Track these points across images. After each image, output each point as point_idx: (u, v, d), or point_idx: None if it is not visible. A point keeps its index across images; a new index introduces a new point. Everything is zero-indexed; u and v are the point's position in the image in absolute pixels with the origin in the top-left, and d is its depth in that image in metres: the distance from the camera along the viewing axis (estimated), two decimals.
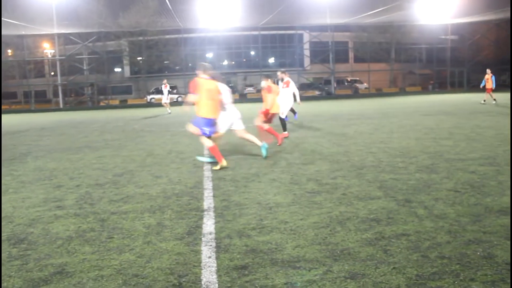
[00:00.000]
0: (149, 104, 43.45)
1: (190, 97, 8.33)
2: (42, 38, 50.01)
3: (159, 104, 34.51)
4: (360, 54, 54.36)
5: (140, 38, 47.68)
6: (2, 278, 3.91)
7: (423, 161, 8.35)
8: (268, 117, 11.35)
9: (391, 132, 12.82)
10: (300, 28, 50.34)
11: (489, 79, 24.71)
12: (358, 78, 53.16)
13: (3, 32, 41.12)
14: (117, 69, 56.44)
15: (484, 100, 25.01)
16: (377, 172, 7.55)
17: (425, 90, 50.10)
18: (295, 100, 14.51)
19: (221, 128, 9.48)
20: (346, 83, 52.75)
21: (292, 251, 4.22)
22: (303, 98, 18.28)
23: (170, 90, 29.90)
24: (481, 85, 25.69)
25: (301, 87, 49.19)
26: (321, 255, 4.09)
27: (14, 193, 7.08)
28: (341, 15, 41.70)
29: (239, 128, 9.63)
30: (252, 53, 56.66)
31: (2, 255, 4.45)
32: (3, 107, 29.37)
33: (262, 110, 11.35)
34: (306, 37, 53.21)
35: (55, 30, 42.58)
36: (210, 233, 4.78)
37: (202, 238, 4.64)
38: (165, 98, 27.94)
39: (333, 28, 47.66)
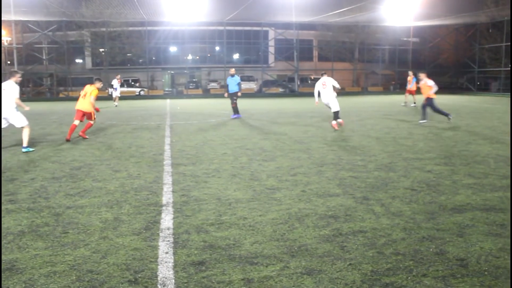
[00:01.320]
0: (111, 97, 42.63)
1: None
2: None
3: (122, 97, 33.81)
4: (324, 53, 54.89)
5: (103, 29, 46.64)
6: None
7: (382, 159, 8.51)
8: None
9: (352, 131, 13.01)
10: (266, 25, 50.34)
11: (410, 81, 25.18)
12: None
13: None
14: (78, 60, 55.05)
15: (405, 102, 25.44)
16: (337, 169, 7.65)
17: (386, 91, 51.03)
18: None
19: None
20: (309, 81, 53.12)
21: (250, 247, 4.23)
22: (266, 95, 18.40)
23: (123, 84, 30.85)
24: (407, 87, 26.09)
25: (265, 83, 49.36)
26: (278, 251, 4.11)
27: None
28: (307, 13, 41.95)
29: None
30: (217, 48, 56.34)
31: None
32: None
33: None
34: (271, 34, 53.30)
35: (12, 17, 41.13)
36: (168, 229, 4.73)
37: (160, 234, 4.59)
38: (118, 92, 29.28)
39: (298, 26, 47.94)
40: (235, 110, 17.94)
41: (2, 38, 48.23)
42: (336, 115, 13.70)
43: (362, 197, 5.88)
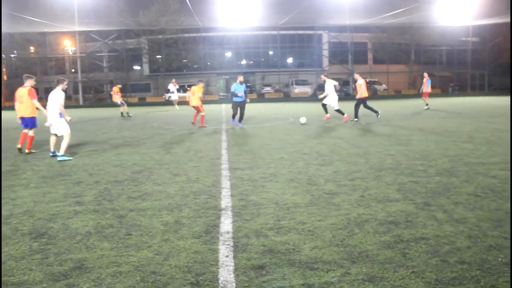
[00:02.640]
0: (167, 102, 43.66)
1: None
2: (64, 36, 50.62)
3: (178, 102, 34.67)
4: (379, 55, 53.99)
5: (160, 36, 47.98)
6: (23, 271, 3.97)
7: (443, 164, 8.25)
8: None
9: (410, 135, 12.70)
10: (319, 28, 50.16)
11: (425, 83, 24.20)
12: (376, 80, 52.78)
13: (26, 30, 41.80)
14: (136, 67, 56.82)
15: (427, 105, 24.60)
16: (396, 174, 7.49)
17: (445, 93, 49.54)
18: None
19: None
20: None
21: (309, 252, 4.21)
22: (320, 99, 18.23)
23: (179, 89, 33.68)
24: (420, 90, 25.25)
25: (319, 87, 49.03)
26: (338, 257, 4.07)
27: (35, 188, 7.19)
28: (361, 15, 41.45)
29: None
30: (271, 52, 56.58)
31: (24, 248, 4.53)
32: None
33: None
34: (325, 37, 52.99)
35: (77, 28, 43.08)
36: (228, 232, 4.79)
37: (220, 237, 4.65)
38: (175, 95, 31.18)
39: (353, 29, 47.43)
40: (241, 118, 16.56)
41: (68, 48, 50.60)
42: (340, 111, 16.99)
43: (423, 203, 5.72)
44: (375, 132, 13.64)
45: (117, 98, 25.44)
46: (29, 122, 11.05)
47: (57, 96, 10.02)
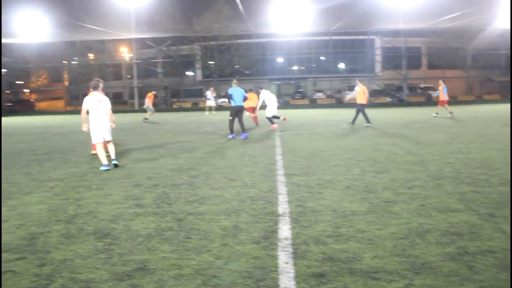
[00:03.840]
0: (220, 108, 44.26)
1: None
2: (121, 43, 52.35)
3: (229, 108, 35.11)
4: (434, 60, 52.55)
5: (213, 42, 48.71)
6: (90, 269, 4.12)
7: (506, 173, 7.91)
8: None
9: (470, 142, 12.27)
10: (372, 33, 49.43)
11: (441, 91, 23.10)
12: (431, 85, 51.38)
13: (87, 37, 43.53)
14: (189, 73, 57.90)
15: (437, 113, 23.59)
16: (456, 183, 7.24)
17: (505, 99, 47.53)
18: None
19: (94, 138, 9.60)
20: (418, 90, 51.01)
21: (370, 261, 4.13)
22: (373, 105, 17.94)
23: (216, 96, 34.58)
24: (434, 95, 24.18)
25: (372, 93, 48.26)
26: (401, 267, 3.97)
27: (97, 190, 7.44)
28: (415, 20, 40.53)
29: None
30: (323, 58, 56.25)
31: (89, 247, 4.69)
32: (78, 107, 30.96)
33: None
34: (378, 42, 52.16)
35: (133, 35, 44.41)
36: (286, 239, 4.78)
37: (279, 243, 4.65)
38: (212, 102, 32.40)
39: (406, 33, 46.39)
40: (243, 128, 14.85)
41: (124, 55, 52.31)
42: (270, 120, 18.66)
43: (488, 214, 5.50)
44: (431, 139, 13.26)
45: (147, 102, 26.08)
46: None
47: (106, 101, 9.70)
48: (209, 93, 32.84)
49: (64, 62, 55.27)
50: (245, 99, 14.72)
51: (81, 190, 7.46)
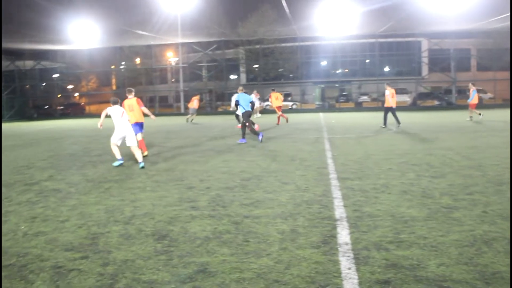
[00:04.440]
0: (265, 111, 44.31)
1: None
2: (168, 47, 53.29)
3: (275, 111, 34.99)
4: (484, 62, 50.73)
5: (257, 46, 48.85)
6: (152, 270, 4.15)
7: None
8: None
9: None
10: (420, 35, 48.24)
11: (471, 94, 22.13)
12: (481, 88, 49.64)
13: (135, 43, 44.57)
14: (234, 76, 58.27)
15: (480, 114, 22.63)
16: None
17: None
18: None
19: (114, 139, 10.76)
20: (468, 93, 49.38)
21: (436, 269, 3.98)
22: (421, 108, 17.47)
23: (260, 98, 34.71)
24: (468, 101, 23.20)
25: (419, 96, 47.11)
26: (470, 277, 3.81)
27: (151, 192, 7.54)
28: (464, 21, 39.27)
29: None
30: (367, 61, 55.41)
31: (149, 248, 4.73)
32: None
33: None
34: (425, 44, 50.90)
35: (180, 40, 45.12)
36: (346, 244, 4.67)
37: (339, 248, 4.55)
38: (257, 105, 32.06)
39: (455, 35, 45.03)
40: (249, 132, 15.09)
41: (171, 59, 53.27)
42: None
43: None
44: (487, 143, 12.78)
45: (195, 104, 27.57)
46: (140, 127, 12.15)
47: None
48: (253, 96, 33.06)
49: (112, 66, 56.77)
50: (252, 104, 14.70)
51: (136, 192, 7.58)
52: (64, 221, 5.93)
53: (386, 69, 57.10)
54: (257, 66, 51.95)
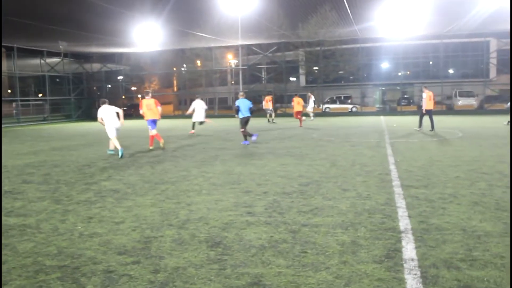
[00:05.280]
0: (325, 113, 43.70)
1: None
2: (228, 50, 53.75)
3: (334, 114, 34.64)
4: None
5: (318, 48, 48.28)
6: (203, 280, 3.96)
7: None
8: None
9: None
10: (488, 35, 45.89)
11: None
12: None
13: (196, 45, 45.28)
14: (293, 78, 57.91)
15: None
16: None
17: None
18: None
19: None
20: None
21: None
22: (488, 112, 16.50)
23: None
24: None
25: (487, 99, 44.83)
26: None
27: (207, 195, 7.41)
28: None
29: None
30: (431, 63, 53.37)
31: (202, 256, 4.56)
32: (190, 112, 32.12)
33: None
34: (494, 44, 48.38)
35: (240, 42, 45.34)
36: (412, 260, 4.29)
37: (404, 265, 4.18)
38: (310, 108, 32.26)
39: None
40: (246, 136, 15.68)
41: (231, 61, 53.75)
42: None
43: None
44: None
45: (270, 105, 28.93)
46: (154, 123, 14.42)
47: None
48: (309, 98, 32.74)
49: (173, 68, 57.93)
50: (251, 110, 15.57)
51: (191, 195, 7.48)
52: (119, 223, 5.89)
53: (451, 71, 54.80)
54: (317, 68, 51.34)
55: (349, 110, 45.67)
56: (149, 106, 14.31)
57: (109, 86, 54.17)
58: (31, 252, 4.91)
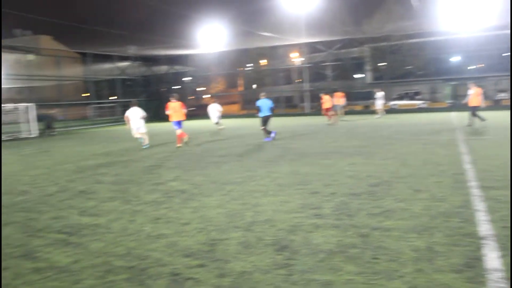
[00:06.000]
0: (392, 110, 42.47)
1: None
2: (292, 48, 53.55)
3: (403, 110, 33.59)
4: None
5: (383, 43, 47.00)
6: (269, 286, 3.83)
7: None
8: None
9: None
10: None
11: None
12: None
13: (261, 44, 45.49)
14: (359, 75, 56.77)
15: None
16: None
17: None
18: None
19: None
20: None
21: None
22: None
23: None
24: None
25: None
26: None
27: (273, 196, 7.29)
28: None
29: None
30: (505, 54, 50.39)
31: (268, 260, 4.44)
32: (254, 111, 32.43)
33: None
34: None
35: (304, 40, 45.03)
36: (496, 270, 3.94)
37: (487, 276, 3.84)
38: (380, 105, 30.88)
39: None
40: (268, 132, 16.97)
41: (296, 60, 53.54)
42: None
43: None
44: None
45: (341, 101, 27.96)
46: (179, 124, 16.19)
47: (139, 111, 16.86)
48: (379, 95, 31.44)
49: (239, 68, 58.49)
50: (272, 109, 16.80)
51: (257, 196, 7.38)
52: (185, 224, 5.89)
53: None
54: (383, 64, 49.99)
55: (418, 106, 44.09)
56: (175, 108, 16.21)
57: (176, 87, 55.55)
58: (101, 252, 5.01)
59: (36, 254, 5.08)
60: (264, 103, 16.75)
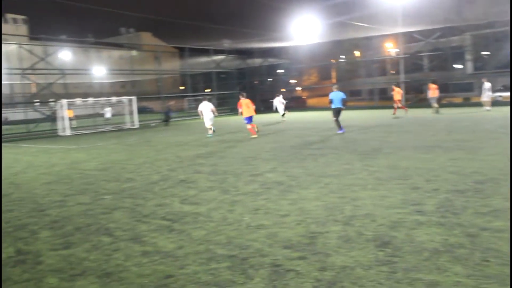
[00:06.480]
0: (496, 103, 39.80)
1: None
2: (387, 38, 51.90)
3: (507, 103, 31.26)
4: None
5: (487, 30, 44.05)
6: (372, 283, 3.78)
7: None
8: None
9: None
10: None
11: None
12: None
13: (354, 35, 44.60)
14: (458, 66, 53.73)
15: None
16: None
17: None
18: None
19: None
20: None
21: None
22: None
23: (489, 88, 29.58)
24: None
25: None
26: None
27: (372, 190, 7.16)
28: None
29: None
30: None
31: (370, 256, 4.38)
32: (350, 103, 31.93)
33: None
34: None
35: (400, 29, 43.42)
36: None
37: None
38: (487, 96, 28.53)
39: None
40: (339, 125, 17.37)
41: (391, 50, 51.89)
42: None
43: None
44: None
45: (436, 93, 28.12)
46: (250, 119, 17.55)
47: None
48: (487, 86, 28.84)
49: (332, 60, 57.76)
50: (344, 101, 17.25)
51: (356, 189, 7.29)
52: (284, 216, 5.97)
53: None
54: (486, 53, 46.90)
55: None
56: (247, 104, 17.66)
57: (270, 80, 56.13)
58: (203, 240, 5.22)
59: (143, 238, 5.41)
60: (336, 96, 17.19)
